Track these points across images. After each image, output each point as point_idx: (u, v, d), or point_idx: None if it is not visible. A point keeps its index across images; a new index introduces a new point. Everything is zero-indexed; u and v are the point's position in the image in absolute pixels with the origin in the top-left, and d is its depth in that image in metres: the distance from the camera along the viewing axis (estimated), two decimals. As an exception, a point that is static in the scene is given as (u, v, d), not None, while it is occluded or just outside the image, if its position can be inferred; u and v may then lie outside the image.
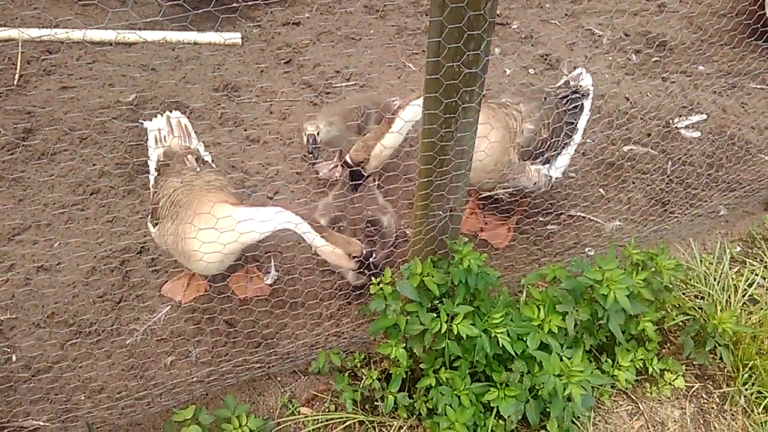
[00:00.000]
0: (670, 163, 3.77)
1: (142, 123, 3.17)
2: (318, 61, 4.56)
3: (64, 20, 4.60)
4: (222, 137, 3.92)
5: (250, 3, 4.78)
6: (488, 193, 3.51)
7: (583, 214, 3.53)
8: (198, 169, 2.83)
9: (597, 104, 4.12)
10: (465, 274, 2.43)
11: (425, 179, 2.39)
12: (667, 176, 3.70)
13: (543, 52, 4.58)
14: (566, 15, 4.90)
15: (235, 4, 4.84)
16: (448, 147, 2.29)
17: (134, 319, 2.95)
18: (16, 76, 4.10)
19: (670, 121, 4.00)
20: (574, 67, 3.44)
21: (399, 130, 2.87)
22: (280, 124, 4.05)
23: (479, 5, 1.94)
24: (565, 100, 3.06)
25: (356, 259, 2.55)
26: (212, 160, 3.13)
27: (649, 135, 3.93)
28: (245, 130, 3.98)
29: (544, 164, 2.97)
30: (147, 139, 3.08)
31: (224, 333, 2.88)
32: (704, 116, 4.03)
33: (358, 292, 2.97)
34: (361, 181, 3.06)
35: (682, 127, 3.96)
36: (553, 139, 2.93)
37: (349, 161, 2.98)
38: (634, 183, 3.67)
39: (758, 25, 4.55)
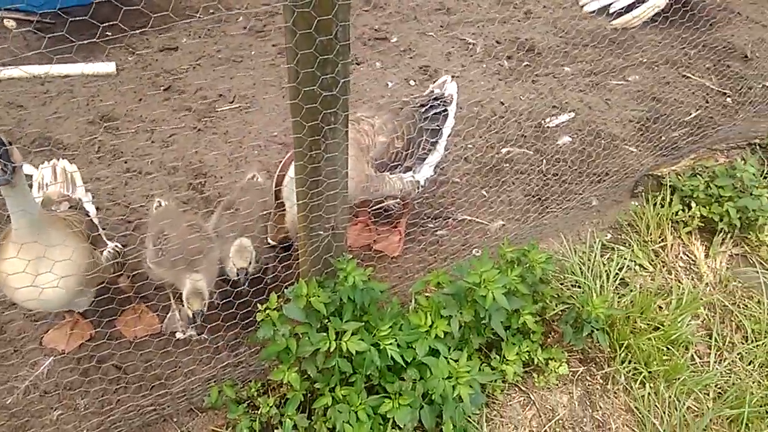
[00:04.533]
0: (544, 161, 4.00)
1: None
2: (199, 85, 4.48)
3: None
4: (100, 172, 3.77)
5: (123, 32, 4.63)
6: (379, 206, 3.59)
7: (468, 217, 3.68)
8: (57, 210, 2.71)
9: (474, 110, 4.31)
10: (351, 291, 2.46)
11: (302, 201, 2.42)
12: (543, 174, 3.92)
13: (422, 64, 4.73)
14: (441, 27, 5.09)
15: (108, 33, 4.67)
16: (319, 168, 2.32)
17: (14, 376, 2.76)
18: None
19: (543, 122, 4.24)
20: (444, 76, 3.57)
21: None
22: (163, 153, 3.94)
23: (330, 30, 1.99)
24: (424, 108, 3.18)
25: None
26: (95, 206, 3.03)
27: (524, 136, 4.16)
28: (125, 162, 3.84)
29: (406, 172, 3.08)
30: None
31: (113, 379, 2.76)
32: (572, 114, 4.31)
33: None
34: (291, 249, 3.03)
35: (553, 126, 4.21)
36: (411, 149, 3.04)
37: (273, 243, 2.95)
38: (513, 183, 3.86)
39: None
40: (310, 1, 1.87)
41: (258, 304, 2.49)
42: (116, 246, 2.80)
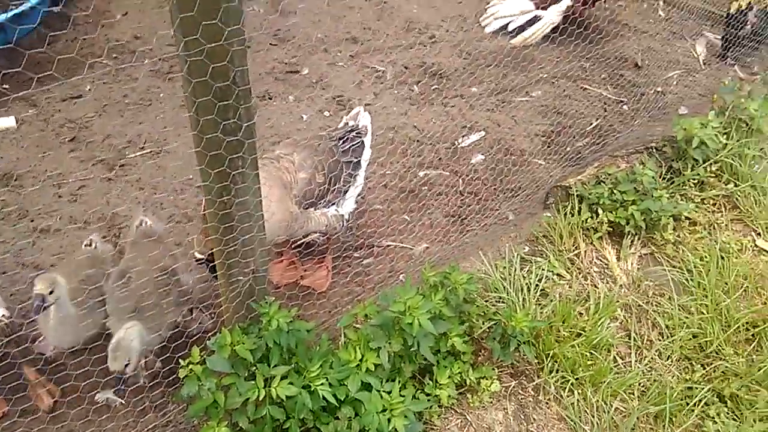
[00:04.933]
0: (461, 181, 4.10)
1: None
2: (107, 133, 4.34)
3: None
4: (5, 234, 3.56)
5: (21, 83, 4.43)
6: (303, 241, 3.57)
7: (393, 243, 3.71)
8: None
9: (389, 136, 4.38)
10: (276, 334, 2.43)
11: (218, 248, 2.37)
12: (461, 193, 4.02)
13: (335, 94, 4.77)
14: (351, 56, 5.16)
15: (4, 87, 4.46)
16: (231, 213, 2.28)
17: None
18: None
19: (455, 142, 4.36)
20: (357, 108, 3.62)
21: None
22: (72, 207, 3.78)
23: (227, 76, 1.97)
24: (341, 142, 3.21)
25: None
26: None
27: (440, 158, 4.26)
28: (32, 221, 3.66)
29: (329, 206, 3.08)
30: None
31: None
32: (483, 133, 4.45)
33: None
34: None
35: (466, 146, 4.33)
36: (332, 182, 3.06)
37: (200, 256, 2.78)
38: (433, 205, 3.94)
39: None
40: (202, 49, 1.85)
41: (180, 360, 2.40)
42: (2, 315, 2.64)
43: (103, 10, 5.44)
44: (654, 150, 4.04)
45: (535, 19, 5.30)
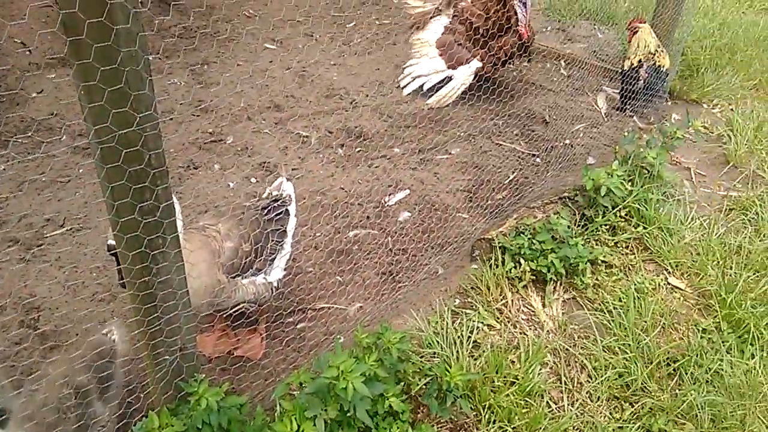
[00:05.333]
0: (390, 239, 4.19)
1: None
2: (23, 213, 4.19)
3: None
4: None
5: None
6: (230, 311, 3.52)
7: (327, 305, 3.71)
8: None
9: (317, 199, 4.44)
10: (206, 414, 2.36)
11: (140, 330, 2.32)
12: (391, 251, 4.10)
13: (260, 161, 4.82)
14: (275, 123, 5.26)
15: None
16: (153, 293, 2.25)
17: None
18: None
19: (382, 201, 4.47)
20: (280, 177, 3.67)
21: None
22: (-14, 295, 3.59)
23: (141, 160, 1.99)
24: (266, 211, 3.26)
25: None
26: None
27: (368, 217, 4.34)
28: (-60, 312, 3.44)
29: (257, 274, 3.10)
30: None
31: None
32: (408, 191, 4.59)
33: None
34: None
35: (392, 204, 4.45)
36: (259, 252, 3.09)
37: (113, 242, 2.34)
38: (365, 264, 3.99)
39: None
40: (114, 136, 1.87)
41: (105, 450, 2.30)
42: None
43: (17, 88, 5.34)
44: (567, 199, 4.28)
45: (447, 80, 5.59)
